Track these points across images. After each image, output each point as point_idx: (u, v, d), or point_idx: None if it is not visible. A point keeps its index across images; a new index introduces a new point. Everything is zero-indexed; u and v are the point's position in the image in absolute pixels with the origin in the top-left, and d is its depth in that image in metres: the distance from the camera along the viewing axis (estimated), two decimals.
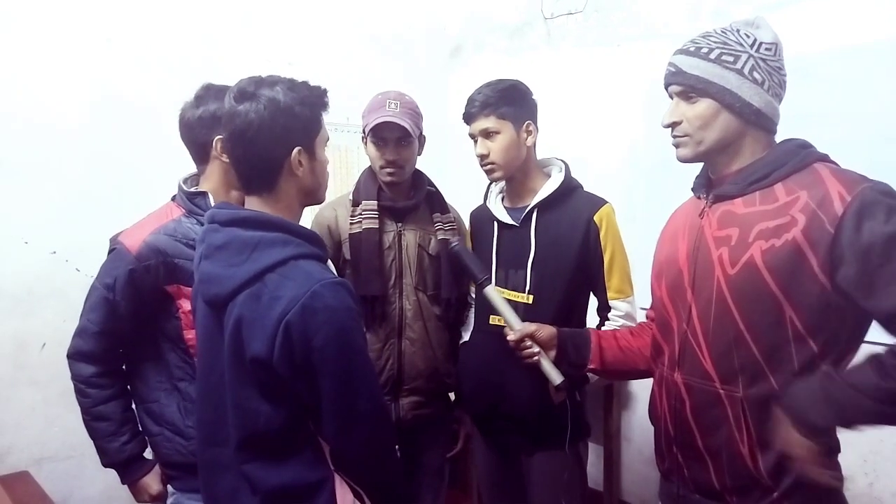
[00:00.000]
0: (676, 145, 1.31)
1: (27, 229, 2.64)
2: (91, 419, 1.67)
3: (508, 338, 1.61)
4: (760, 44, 1.24)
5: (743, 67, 1.22)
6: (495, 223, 1.88)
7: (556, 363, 1.58)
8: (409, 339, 1.88)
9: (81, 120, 2.72)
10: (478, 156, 1.82)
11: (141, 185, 2.79)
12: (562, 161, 1.89)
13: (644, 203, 2.64)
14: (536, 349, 1.58)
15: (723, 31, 1.26)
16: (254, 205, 1.26)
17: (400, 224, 1.91)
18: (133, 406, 1.73)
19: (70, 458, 2.74)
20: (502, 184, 1.91)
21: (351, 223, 1.85)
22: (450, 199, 2.08)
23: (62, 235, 2.69)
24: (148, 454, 1.74)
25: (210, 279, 1.23)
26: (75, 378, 1.69)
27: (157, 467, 1.71)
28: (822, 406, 1.12)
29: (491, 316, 1.83)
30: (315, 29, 3.35)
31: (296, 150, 1.23)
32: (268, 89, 1.21)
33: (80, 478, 2.76)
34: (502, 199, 1.91)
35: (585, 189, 1.89)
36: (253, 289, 1.17)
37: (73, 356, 1.69)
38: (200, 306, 1.30)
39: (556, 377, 1.57)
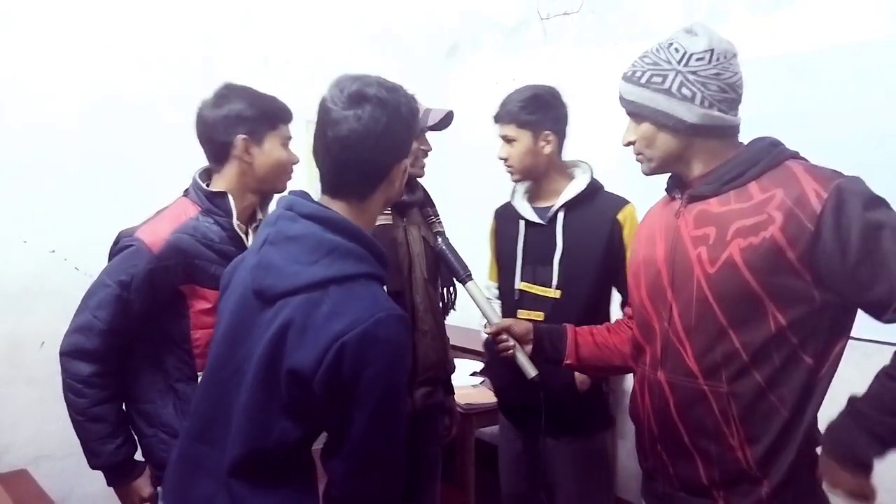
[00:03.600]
0: (638, 161, 1.38)
1: (26, 228, 2.64)
2: (86, 420, 1.60)
3: (485, 331, 1.66)
4: (690, 56, 1.24)
5: (671, 86, 1.25)
6: (522, 221, 1.94)
7: (533, 358, 1.62)
8: (421, 331, 1.90)
9: (80, 119, 2.72)
10: (499, 158, 1.93)
11: (139, 184, 2.80)
12: (586, 163, 1.97)
13: (641, 202, 2.64)
14: (512, 343, 1.62)
15: (657, 50, 1.29)
16: (335, 209, 1.17)
17: (404, 220, 1.93)
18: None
19: (68, 455, 2.73)
20: (528, 183, 1.98)
21: None
22: (447, 195, 2.09)
23: (61, 234, 2.70)
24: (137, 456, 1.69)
25: (269, 267, 1.13)
26: (71, 377, 1.60)
27: (147, 469, 1.67)
28: (865, 441, 1.14)
29: (519, 310, 1.90)
30: (313, 28, 3.35)
31: (404, 161, 1.19)
32: (388, 93, 1.14)
33: (78, 475, 2.75)
34: (528, 199, 1.98)
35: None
36: (314, 295, 1.08)
37: (71, 353, 1.59)
38: (238, 290, 1.19)
39: (530, 370, 1.61)
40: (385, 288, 1.24)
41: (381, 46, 3.57)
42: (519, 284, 1.92)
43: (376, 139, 1.12)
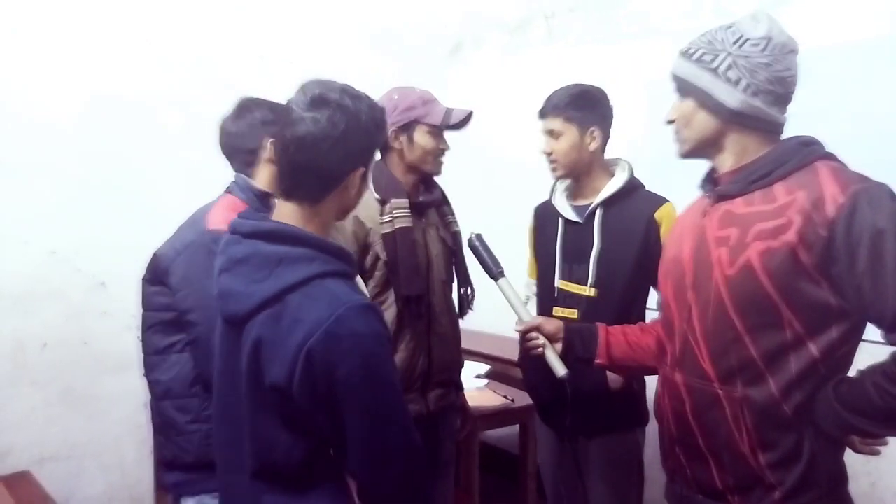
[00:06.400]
0: (674, 142, 1.35)
1: (26, 229, 2.63)
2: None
3: (515, 329, 1.67)
4: (745, 40, 1.22)
5: (718, 67, 1.23)
6: (560, 219, 1.95)
7: (564, 357, 1.61)
8: (437, 333, 1.91)
9: (79, 119, 2.71)
10: (542, 153, 1.92)
11: (140, 184, 2.80)
12: (626, 161, 1.96)
13: None
14: (542, 341, 1.62)
15: (717, 30, 1.27)
16: (287, 212, 1.18)
17: (423, 220, 1.93)
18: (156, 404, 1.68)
19: (71, 457, 2.74)
20: (568, 181, 1.99)
21: (382, 222, 1.84)
22: (449, 195, 2.08)
23: (61, 235, 2.69)
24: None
25: (229, 294, 1.16)
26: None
27: None
28: (833, 427, 1.18)
29: (554, 308, 1.91)
30: (314, 27, 3.34)
31: (360, 171, 1.18)
32: (350, 101, 1.14)
33: (80, 477, 2.76)
34: (567, 197, 1.99)
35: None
36: (273, 309, 1.09)
37: (198, 379, 1.62)
38: (218, 321, 1.23)
39: (559, 369, 1.60)
40: (359, 279, 1.25)
41: (383, 46, 3.56)
42: (558, 283, 1.93)
43: (331, 144, 1.12)
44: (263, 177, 1.72)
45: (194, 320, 1.59)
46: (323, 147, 1.12)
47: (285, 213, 1.18)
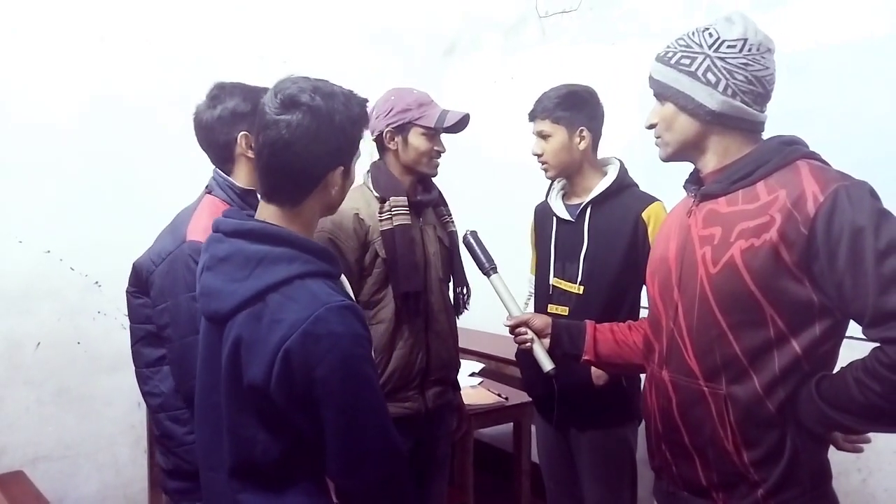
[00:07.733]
0: (656, 146, 1.37)
1: (21, 228, 2.64)
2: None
3: (504, 324, 1.71)
4: (722, 42, 1.24)
5: (697, 69, 1.25)
6: (554, 218, 1.99)
7: (552, 352, 1.64)
8: (435, 331, 1.93)
9: (78, 118, 2.72)
10: (533, 154, 1.96)
11: (136, 184, 2.80)
12: (618, 160, 1.99)
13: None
14: (530, 336, 1.66)
15: (692, 33, 1.29)
16: (268, 213, 1.17)
17: (421, 219, 1.95)
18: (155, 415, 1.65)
19: (65, 457, 2.74)
20: (563, 181, 2.02)
21: (381, 220, 1.86)
22: (445, 195, 2.09)
23: (57, 235, 2.69)
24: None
25: (210, 293, 1.15)
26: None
27: None
28: (815, 423, 1.19)
29: (549, 305, 1.95)
30: (311, 27, 3.35)
31: (339, 169, 1.17)
32: (322, 101, 1.12)
33: (75, 477, 2.76)
34: (563, 196, 2.03)
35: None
36: (254, 308, 1.09)
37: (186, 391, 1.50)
38: (202, 319, 1.22)
39: (546, 364, 1.63)
40: (344, 279, 1.25)
41: (379, 45, 3.57)
42: (552, 280, 1.97)
43: (304, 147, 1.11)
44: (242, 173, 1.62)
45: (169, 336, 1.54)
46: (295, 151, 1.11)
47: (267, 214, 1.18)
